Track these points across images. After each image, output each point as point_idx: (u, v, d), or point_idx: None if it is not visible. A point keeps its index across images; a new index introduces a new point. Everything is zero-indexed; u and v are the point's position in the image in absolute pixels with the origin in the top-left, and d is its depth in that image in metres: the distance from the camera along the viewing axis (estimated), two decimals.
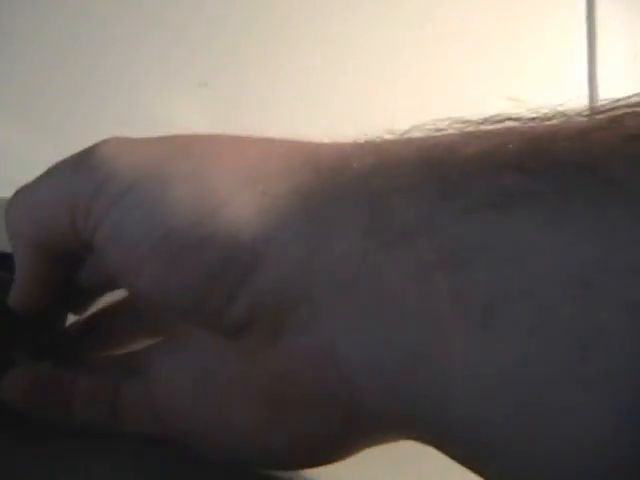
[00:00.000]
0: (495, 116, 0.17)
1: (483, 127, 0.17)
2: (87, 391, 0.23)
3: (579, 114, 0.16)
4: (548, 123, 0.16)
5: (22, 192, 0.22)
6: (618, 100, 0.16)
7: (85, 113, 0.53)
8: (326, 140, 0.20)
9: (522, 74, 0.58)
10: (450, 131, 0.17)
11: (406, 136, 0.18)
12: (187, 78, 0.54)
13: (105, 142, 0.21)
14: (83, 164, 0.21)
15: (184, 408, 0.21)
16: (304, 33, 0.55)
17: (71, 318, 0.26)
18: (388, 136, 0.18)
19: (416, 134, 0.18)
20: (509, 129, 0.17)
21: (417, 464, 0.22)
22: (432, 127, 0.18)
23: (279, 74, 0.55)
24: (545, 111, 0.17)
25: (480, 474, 0.16)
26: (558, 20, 0.59)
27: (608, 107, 0.16)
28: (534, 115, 0.17)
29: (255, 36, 0.55)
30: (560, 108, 0.16)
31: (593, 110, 0.16)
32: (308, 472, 0.21)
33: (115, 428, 0.22)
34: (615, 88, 0.57)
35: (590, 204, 0.14)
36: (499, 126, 0.17)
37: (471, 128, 0.17)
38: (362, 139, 0.19)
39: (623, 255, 0.13)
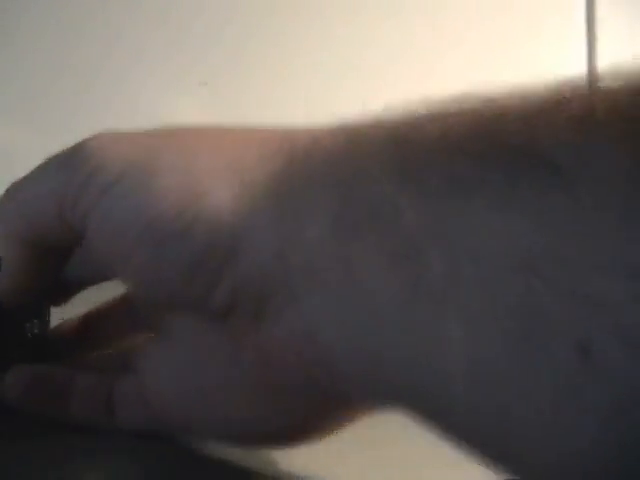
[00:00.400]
0: (462, 95, 0.17)
1: (450, 106, 0.17)
2: (84, 389, 0.23)
3: (536, 92, 0.16)
4: (502, 102, 0.17)
5: (11, 189, 0.23)
6: (571, 80, 0.16)
7: (85, 113, 0.52)
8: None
9: (522, 74, 0.58)
10: (419, 111, 0.18)
11: (378, 117, 0.18)
12: (187, 78, 0.54)
13: (93, 136, 0.22)
14: (72, 158, 0.21)
15: (176, 401, 0.21)
16: (305, 33, 0.55)
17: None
18: (361, 118, 0.19)
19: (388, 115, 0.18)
20: (472, 109, 0.17)
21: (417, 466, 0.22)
22: (403, 107, 0.18)
23: (280, 74, 0.55)
24: (507, 88, 0.17)
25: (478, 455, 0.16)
26: (558, 20, 0.59)
27: (556, 87, 0.16)
28: (494, 94, 0.17)
29: (256, 36, 0.55)
30: (522, 86, 0.17)
31: (547, 89, 0.16)
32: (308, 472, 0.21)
33: (112, 426, 0.22)
34: None
35: (534, 190, 0.14)
36: (464, 105, 0.17)
37: (439, 107, 0.18)
38: (336, 123, 0.19)
39: (563, 244, 0.13)
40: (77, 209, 0.20)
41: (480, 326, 0.14)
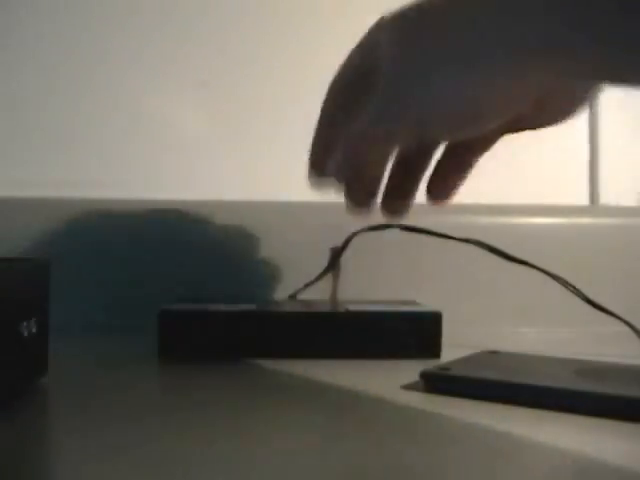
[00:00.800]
0: None
1: None
2: None
3: None
4: None
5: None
6: None
7: (87, 112, 0.53)
8: None
9: None
10: None
11: None
12: (187, 78, 0.54)
13: None
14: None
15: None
16: (304, 33, 0.55)
17: None
18: None
19: None
20: None
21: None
22: None
23: (279, 74, 0.55)
24: None
25: None
26: None
27: None
28: None
29: (255, 36, 0.55)
30: None
31: None
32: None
33: None
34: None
35: None
36: None
37: None
38: None
39: None
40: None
41: None
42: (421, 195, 0.34)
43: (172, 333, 0.38)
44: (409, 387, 0.31)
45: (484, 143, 0.34)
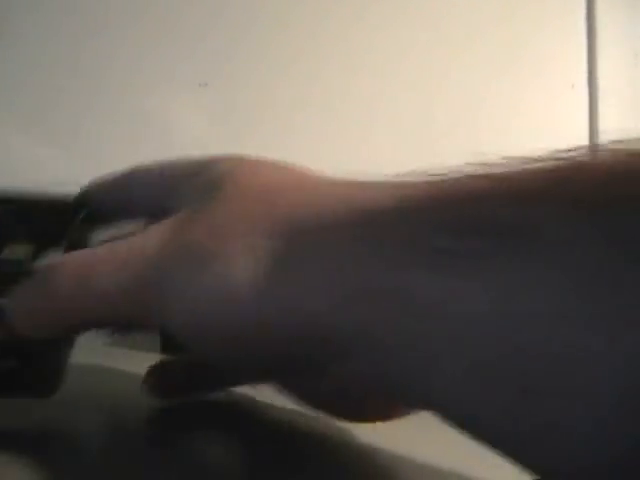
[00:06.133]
0: (457, 169, 0.17)
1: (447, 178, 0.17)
2: None
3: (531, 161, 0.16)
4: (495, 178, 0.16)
5: None
6: (575, 149, 0.15)
7: (88, 113, 0.53)
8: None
9: (522, 74, 0.58)
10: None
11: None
12: (187, 78, 0.54)
13: None
14: None
15: None
16: (304, 33, 0.56)
17: None
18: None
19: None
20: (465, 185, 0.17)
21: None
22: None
23: (279, 74, 0.55)
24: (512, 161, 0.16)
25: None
26: (558, 20, 0.59)
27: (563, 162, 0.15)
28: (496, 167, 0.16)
29: (255, 36, 0.55)
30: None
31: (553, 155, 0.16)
32: None
33: None
34: (615, 88, 0.57)
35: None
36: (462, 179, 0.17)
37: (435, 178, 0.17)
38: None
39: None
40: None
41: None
42: None
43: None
44: None
45: None
